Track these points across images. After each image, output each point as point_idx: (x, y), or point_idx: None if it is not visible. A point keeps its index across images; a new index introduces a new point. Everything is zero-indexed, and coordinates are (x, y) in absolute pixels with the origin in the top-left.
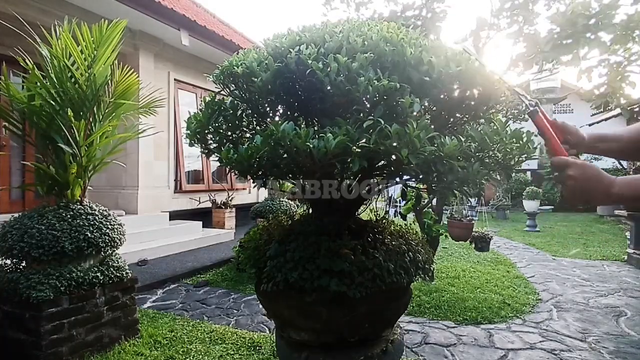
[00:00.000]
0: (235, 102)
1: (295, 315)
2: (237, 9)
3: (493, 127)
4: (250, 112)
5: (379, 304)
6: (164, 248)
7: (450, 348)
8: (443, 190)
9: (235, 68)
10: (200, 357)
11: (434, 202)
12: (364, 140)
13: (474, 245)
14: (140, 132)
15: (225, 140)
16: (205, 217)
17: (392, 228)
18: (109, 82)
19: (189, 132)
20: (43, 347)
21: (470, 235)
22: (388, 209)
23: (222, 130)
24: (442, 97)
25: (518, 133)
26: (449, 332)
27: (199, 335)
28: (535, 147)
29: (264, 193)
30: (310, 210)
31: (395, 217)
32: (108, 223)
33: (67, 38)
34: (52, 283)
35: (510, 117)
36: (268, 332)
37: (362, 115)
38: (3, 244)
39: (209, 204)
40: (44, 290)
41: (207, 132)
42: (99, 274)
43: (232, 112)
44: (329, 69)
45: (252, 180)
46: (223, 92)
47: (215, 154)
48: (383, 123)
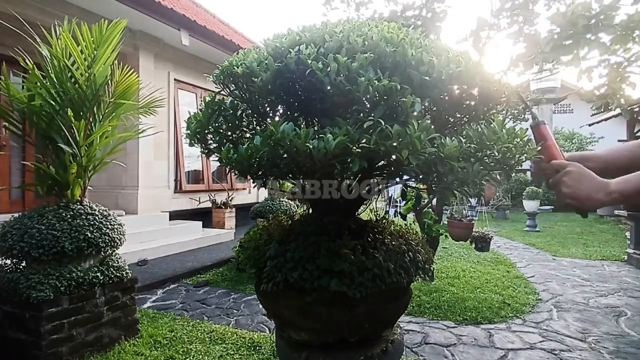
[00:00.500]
0: (235, 102)
1: (295, 315)
2: (237, 9)
3: (491, 127)
4: (250, 112)
5: (379, 304)
6: (164, 248)
7: (450, 348)
8: (443, 191)
9: (235, 68)
10: (200, 357)
11: (434, 202)
12: (364, 141)
13: (474, 245)
14: (140, 132)
15: (225, 140)
16: (205, 217)
17: (392, 228)
18: (109, 82)
19: (189, 132)
20: (43, 347)
21: (470, 235)
22: (388, 209)
23: (222, 130)
24: (442, 97)
25: (514, 131)
26: (449, 332)
27: (199, 335)
28: (535, 147)
29: (264, 193)
30: (310, 210)
31: (395, 217)
32: (108, 223)
33: (67, 38)
34: (52, 283)
35: (510, 117)
36: (268, 332)
37: (362, 116)
38: (3, 244)
39: (209, 204)
40: (44, 290)
41: (207, 132)
42: (99, 274)
43: (232, 112)
44: (329, 69)
45: (252, 180)
46: (223, 92)
47: (215, 154)
48: (383, 123)
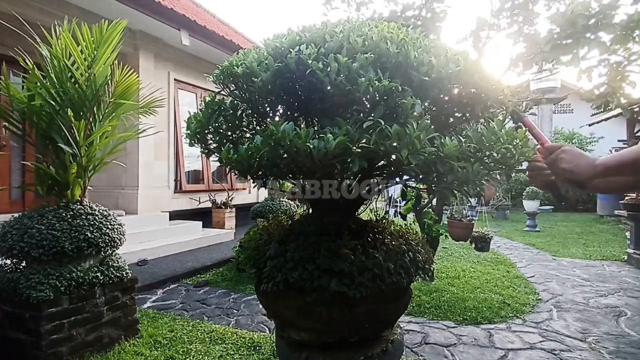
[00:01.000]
0: (235, 102)
1: (295, 315)
2: (237, 9)
3: (491, 127)
4: (250, 112)
5: (379, 304)
6: (164, 248)
7: (450, 348)
8: (443, 191)
9: (235, 68)
10: (200, 357)
11: (434, 202)
12: (364, 141)
13: (474, 245)
14: (140, 132)
15: (225, 140)
16: (205, 217)
17: (392, 228)
18: (109, 82)
19: (189, 132)
20: (43, 347)
21: (470, 235)
22: (388, 209)
23: (222, 130)
24: (441, 97)
25: (513, 131)
26: (449, 332)
27: (199, 335)
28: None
29: (264, 193)
30: (310, 210)
31: (395, 217)
32: (108, 223)
33: (67, 38)
34: (52, 283)
35: (510, 117)
36: (268, 332)
37: (362, 116)
38: (3, 244)
39: (209, 204)
40: (44, 290)
41: (207, 132)
42: (99, 274)
43: (232, 112)
44: (329, 69)
45: (252, 180)
46: (223, 92)
47: (215, 154)
48: (383, 123)
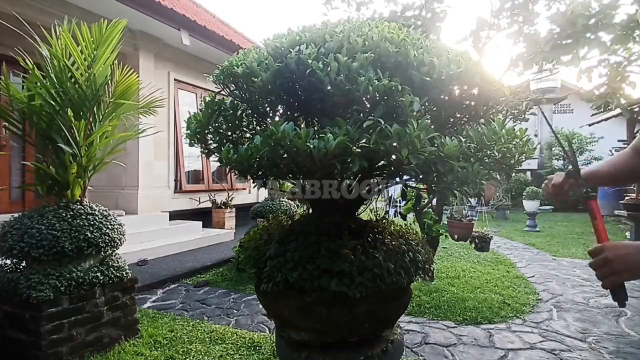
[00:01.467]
0: (235, 102)
1: (295, 315)
2: (237, 9)
3: (491, 126)
4: (250, 112)
5: (379, 304)
6: (164, 248)
7: (450, 348)
8: (443, 191)
9: (235, 68)
10: (200, 357)
11: (434, 202)
12: (364, 141)
13: (474, 245)
14: (140, 132)
15: (225, 140)
16: (205, 217)
17: (392, 228)
18: (109, 82)
19: (189, 132)
20: (43, 347)
21: (470, 235)
22: (388, 209)
23: (222, 130)
24: (442, 97)
25: (514, 131)
26: (449, 332)
27: (199, 335)
28: (535, 147)
29: (264, 193)
30: (310, 210)
31: (395, 217)
32: (108, 223)
33: (67, 38)
34: (52, 283)
35: (510, 117)
36: (268, 332)
37: (362, 115)
38: (3, 244)
39: (209, 204)
40: (44, 290)
41: (207, 132)
42: (99, 274)
43: (232, 112)
44: (329, 69)
45: (252, 180)
46: (223, 92)
47: (215, 154)
48: (383, 123)
